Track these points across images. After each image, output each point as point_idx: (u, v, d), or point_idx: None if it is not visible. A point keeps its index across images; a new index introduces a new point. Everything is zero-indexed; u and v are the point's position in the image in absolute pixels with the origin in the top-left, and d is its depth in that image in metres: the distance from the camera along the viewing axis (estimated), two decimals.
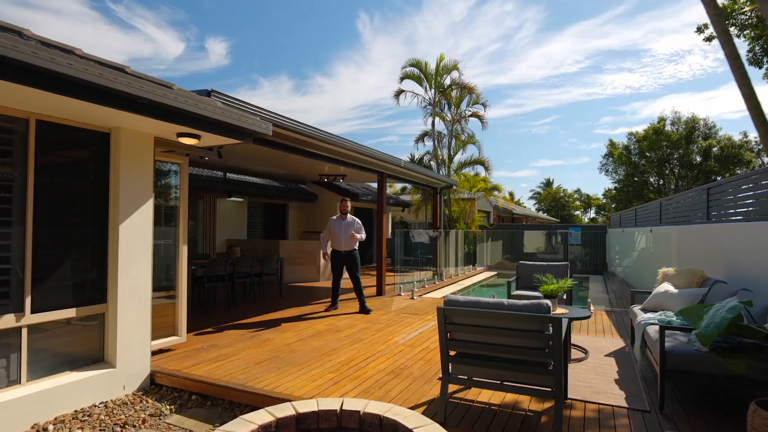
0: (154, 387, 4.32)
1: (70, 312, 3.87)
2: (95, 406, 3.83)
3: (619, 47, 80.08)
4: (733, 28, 10.17)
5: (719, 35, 3.27)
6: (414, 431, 2.09)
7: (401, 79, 17.23)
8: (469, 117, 17.64)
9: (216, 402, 3.96)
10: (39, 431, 3.35)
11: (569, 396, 3.77)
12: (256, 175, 13.13)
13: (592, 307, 7.90)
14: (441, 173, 16.73)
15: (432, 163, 17.74)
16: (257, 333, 5.97)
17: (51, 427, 3.40)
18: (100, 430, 3.41)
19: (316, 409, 2.34)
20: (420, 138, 18.09)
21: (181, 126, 4.11)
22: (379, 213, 9.66)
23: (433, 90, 17.12)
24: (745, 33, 9.90)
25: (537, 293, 6.25)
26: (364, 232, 7.64)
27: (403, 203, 19.11)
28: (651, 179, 30.59)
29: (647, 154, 29.79)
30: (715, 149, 27.73)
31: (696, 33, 10.65)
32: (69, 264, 3.94)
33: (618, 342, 5.58)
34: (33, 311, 3.62)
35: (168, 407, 3.84)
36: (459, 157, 17.92)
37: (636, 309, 5.22)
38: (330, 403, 2.39)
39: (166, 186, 5.05)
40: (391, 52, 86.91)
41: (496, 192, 19.22)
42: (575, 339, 5.57)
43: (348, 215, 7.56)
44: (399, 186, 24.97)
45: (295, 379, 4.16)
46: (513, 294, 6.55)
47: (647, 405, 3.60)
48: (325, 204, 14.87)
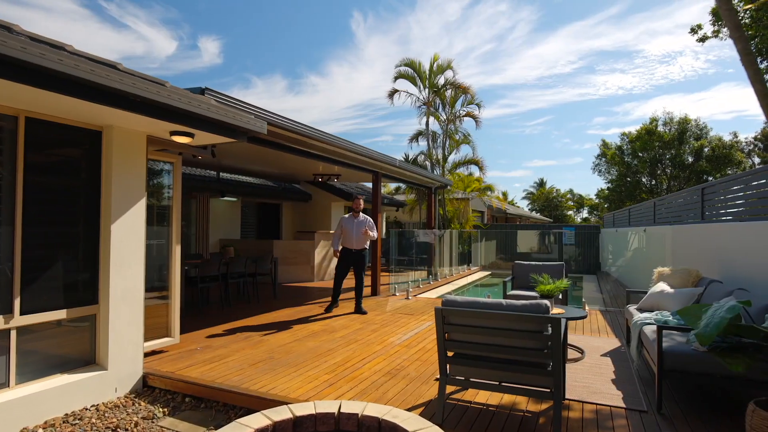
0: (146, 389, 4.25)
1: (60, 313, 3.80)
2: (86, 409, 3.76)
3: (612, 48, 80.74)
4: (726, 29, 10.22)
5: (732, 31, 3.23)
6: None
7: (395, 79, 17.22)
8: (464, 117, 17.66)
9: (210, 404, 3.90)
10: None
11: (566, 396, 3.75)
12: (249, 175, 13.04)
13: (587, 307, 7.91)
14: (435, 173, 16.72)
15: (426, 163, 17.73)
16: (251, 334, 5.91)
17: (40, 431, 3.33)
18: None
19: (313, 412, 2.29)
20: (414, 137, 18.08)
21: (175, 124, 4.05)
22: (374, 213, 9.61)
23: (427, 90, 17.11)
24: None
25: (533, 293, 6.24)
26: (376, 230, 7.63)
27: (398, 203, 19.08)
28: (643, 179, 30.79)
29: (640, 154, 30.00)
30: (707, 149, 27.98)
31: (690, 34, 10.72)
32: (59, 264, 3.86)
33: (613, 342, 5.58)
34: (22, 313, 3.54)
35: (161, 410, 3.78)
36: (453, 157, 17.94)
37: (632, 309, 5.23)
38: (327, 406, 2.35)
39: (158, 185, 4.98)
40: (385, 51, 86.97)
41: (489, 192, 19.28)
42: (571, 339, 5.56)
43: (360, 214, 7.52)
44: (393, 186, 24.94)
45: (291, 381, 4.11)
46: (509, 294, 6.54)
47: (644, 405, 3.59)
48: (319, 204, 14.79)
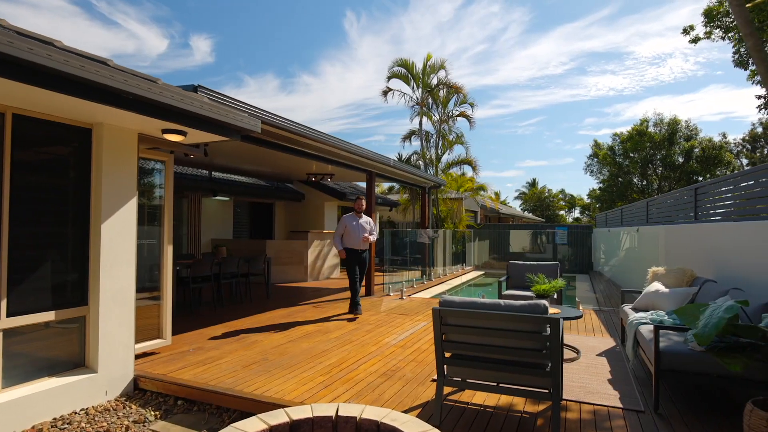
0: (137, 392, 4.17)
1: (49, 315, 3.71)
2: (76, 413, 3.68)
3: (603, 50, 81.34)
4: (718, 30, 10.33)
5: (742, 27, 3.18)
6: None
7: (389, 78, 17.18)
8: (457, 117, 17.66)
9: (203, 407, 3.83)
10: None
11: (564, 397, 3.73)
12: (242, 174, 12.93)
13: (580, 307, 7.92)
14: (429, 173, 16.70)
15: (420, 163, 17.71)
16: (245, 335, 5.83)
17: None
18: None
19: (310, 416, 2.24)
20: (407, 137, 18.05)
21: (167, 122, 3.97)
22: (368, 213, 9.55)
23: (421, 89, 17.09)
24: (730, 35, 10.06)
25: (528, 293, 6.24)
26: (376, 233, 7.53)
27: (391, 203, 19.04)
28: (635, 180, 31.03)
29: (631, 154, 30.23)
30: (697, 150, 28.25)
31: (682, 35, 10.79)
32: (48, 265, 3.77)
33: (608, 341, 5.58)
34: (9, 314, 3.44)
35: (152, 413, 3.70)
36: (447, 157, 17.94)
37: (627, 308, 5.23)
38: (325, 409, 2.30)
39: (150, 184, 4.90)
40: (378, 51, 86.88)
41: (482, 192, 19.29)
42: (566, 338, 5.55)
43: (362, 214, 7.42)
44: (386, 185, 24.90)
45: (285, 383, 4.05)
46: (504, 294, 6.52)
47: (641, 405, 3.58)
48: (313, 203, 14.72)
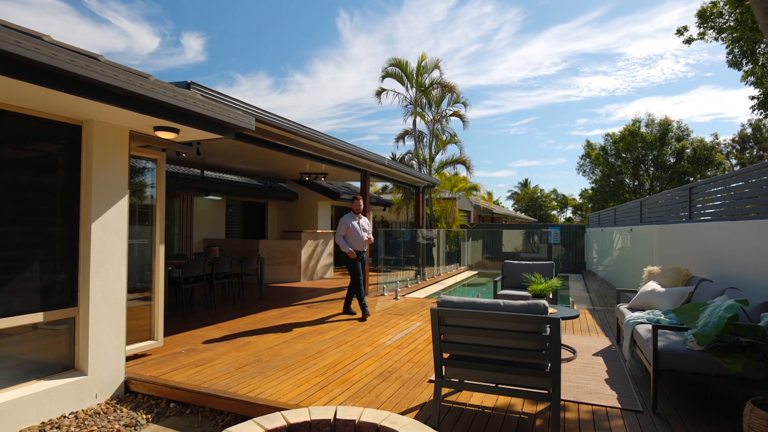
0: (129, 395, 4.09)
1: (36, 316, 3.61)
2: (65, 417, 3.59)
3: (595, 51, 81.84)
4: (712, 31, 10.41)
5: (761, 18, 3.08)
6: None
7: (382, 78, 17.14)
8: (450, 116, 17.68)
9: (196, 410, 3.76)
10: None
11: (562, 397, 3.71)
12: (235, 173, 12.82)
13: (575, 306, 7.93)
14: (422, 172, 16.68)
15: (413, 162, 17.68)
16: (238, 336, 5.75)
17: None
18: None
19: (308, 419, 2.19)
20: (401, 136, 18.03)
21: (159, 119, 3.89)
22: (363, 212, 9.49)
23: (414, 89, 17.07)
24: (723, 36, 10.14)
25: (524, 292, 6.22)
26: (370, 232, 7.45)
27: (385, 202, 19.00)
28: (627, 180, 31.25)
29: (623, 155, 30.43)
30: (688, 150, 28.51)
31: (676, 35, 10.86)
32: (36, 265, 3.68)
33: (604, 341, 5.57)
34: None
35: (144, 416, 3.62)
36: (440, 157, 17.94)
37: (623, 308, 5.22)
38: (323, 412, 2.25)
39: (141, 183, 4.80)
40: (371, 51, 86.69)
41: (475, 192, 19.31)
42: (562, 338, 5.53)
43: (360, 214, 7.34)
44: (380, 185, 24.85)
45: (280, 384, 3.99)
46: (499, 293, 6.50)
47: (639, 405, 3.57)
48: (306, 203, 14.63)
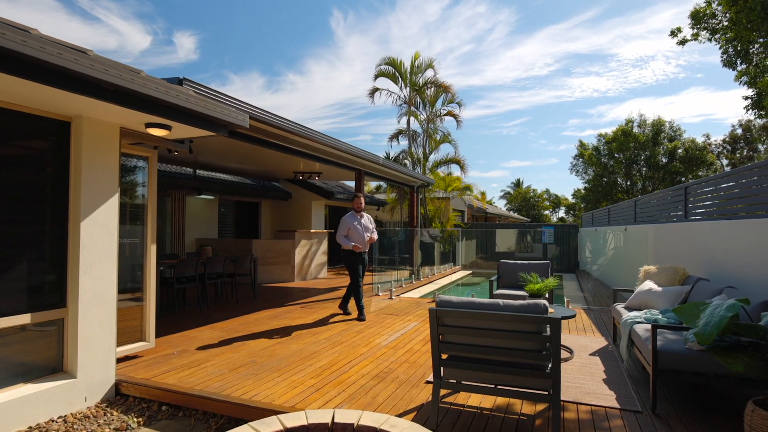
0: (119, 398, 3.99)
1: (23, 318, 3.51)
2: (53, 421, 3.49)
3: (587, 51, 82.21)
4: (705, 31, 10.46)
5: None
6: None
7: (376, 77, 17.05)
8: (444, 116, 17.63)
9: (189, 413, 3.67)
10: None
11: (561, 398, 3.67)
12: (227, 172, 12.70)
13: (570, 306, 7.92)
14: (416, 171, 16.64)
15: (407, 162, 17.63)
16: (231, 337, 5.67)
17: None
18: None
19: (305, 423, 2.12)
20: (394, 136, 17.96)
21: (150, 115, 3.81)
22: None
23: (408, 88, 17.01)
24: (716, 37, 10.19)
25: (520, 292, 6.19)
26: (376, 232, 7.22)
27: (378, 202, 18.94)
28: (619, 180, 31.43)
29: (616, 155, 30.60)
30: (680, 151, 28.72)
31: (669, 36, 10.90)
32: (23, 265, 3.58)
33: (600, 340, 5.55)
34: None
35: (135, 420, 3.53)
36: (434, 156, 17.90)
37: (619, 307, 5.20)
38: (320, 416, 2.18)
39: (133, 181, 4.71)
40: (365, 50, 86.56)
41: (468, 192, 19.31)
42: None
43: (362, 213, 7.06)
44: (374, 185, 24.78)
45: (275, 386, 3.92)
46: (495, 293, 6.46)
47: (638, 405, 3.54)
48: (300, 202, 14.54)
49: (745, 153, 32.95)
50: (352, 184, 17.74)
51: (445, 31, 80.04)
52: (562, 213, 58.95)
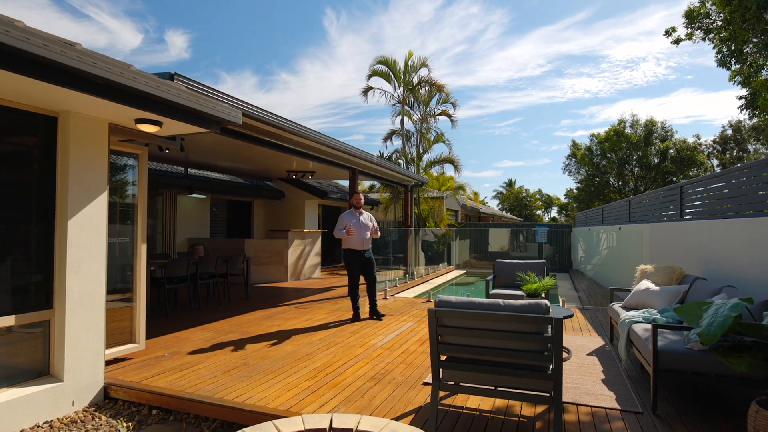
0: (108, 402, 3.88)
1: (8, 320, 3.39)
2: (39, 426, 3.37)
3: (579, 53, 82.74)
4: (699, 31, 10.50)
5: None
6: None
7: (369, 76, 16.98)
8: (438, 115, 17.59)
9: (180, 417, 3.57)
10: None
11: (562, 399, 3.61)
12: (219, 171, 12.55)
13: (565, 305, 7.89)
14: (410, 171, 16.58)
15: (401, 161, 17.57)
16: (224, 338, 5.56)
17: None
18: None
19: (302, 429, 2.04)
20: (388, 136, 17.91)
21: (141, 110, 3.70)
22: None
23: (402, 87, 16.94)
24: (710, 37, 10.24)
25: (516, 291, 6.14)
26: (378, 227, 6.99)
27: (372, 201, 18.86)
28: (611, 179, 31.61)
29: (608, 155, 30.77)
30: (672, 151, 28.95)
31: (664, 36, 10.94)
32: (7, 265, 3.45)
33: (597, 340, 5.52)
34: None
35: (124, 424, 3.43)
36: (428, 156, 17.85)
37: (616, 307, 5.17)
38: (317, 421, 2.10)
39: (122, 179, 4.59)
40: (358, 50, 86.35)
41: (461, 191, 19.29)
42: None
43: (362, 210, 6.85)
44: (367, 184, 24.69)
45: (269, 389, 3.82)
46: (491, 293, 6.41)
47: (639, 406, 3.49)
48: (293, 202, 14.42)
49: (735, 153, 33.29)
50: (345, 183, 17.61)
51: (439, 32, 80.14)
52: (554, 213, 59.25)
